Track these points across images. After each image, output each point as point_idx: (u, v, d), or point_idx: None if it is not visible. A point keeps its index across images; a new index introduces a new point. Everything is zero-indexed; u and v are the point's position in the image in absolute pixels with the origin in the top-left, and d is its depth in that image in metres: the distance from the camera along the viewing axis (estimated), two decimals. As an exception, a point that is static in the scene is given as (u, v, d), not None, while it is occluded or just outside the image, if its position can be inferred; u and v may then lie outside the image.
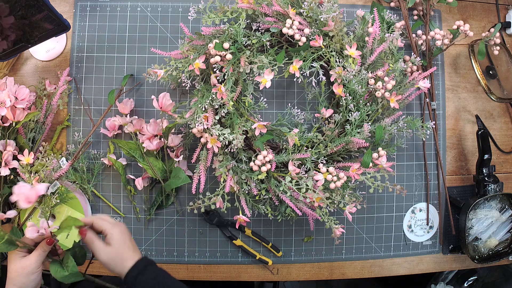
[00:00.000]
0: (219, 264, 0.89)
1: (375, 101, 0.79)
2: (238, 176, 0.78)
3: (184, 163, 0.86)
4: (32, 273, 0.62)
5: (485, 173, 0.87)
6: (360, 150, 0.81)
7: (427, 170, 0.91)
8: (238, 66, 0.74)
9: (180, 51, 0.77)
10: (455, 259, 0.94)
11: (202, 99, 0.74)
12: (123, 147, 0.82)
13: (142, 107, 0.88)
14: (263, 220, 0.89)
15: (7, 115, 0.77)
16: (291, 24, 0.74)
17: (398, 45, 0.80)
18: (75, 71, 0.88)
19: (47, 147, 0.84)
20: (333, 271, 0.91)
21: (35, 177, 0.78)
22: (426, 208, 0.91)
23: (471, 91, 0.94)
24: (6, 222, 0.86)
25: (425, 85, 0.79)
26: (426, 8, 0.88)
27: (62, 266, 0.64)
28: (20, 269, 0.62)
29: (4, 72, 0.87)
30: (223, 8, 0.76)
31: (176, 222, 0.88)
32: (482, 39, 0.85)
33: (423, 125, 0.83)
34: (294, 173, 0.74)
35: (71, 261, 0.64)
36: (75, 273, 0.63)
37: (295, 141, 0.75)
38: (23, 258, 0.63)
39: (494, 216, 0.88)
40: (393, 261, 0.92)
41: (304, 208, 0.77)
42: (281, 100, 0.89)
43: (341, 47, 0.78)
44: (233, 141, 0.73)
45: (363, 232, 0.91)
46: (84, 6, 0.88)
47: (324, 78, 0.79)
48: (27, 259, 0.63)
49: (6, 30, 0.71)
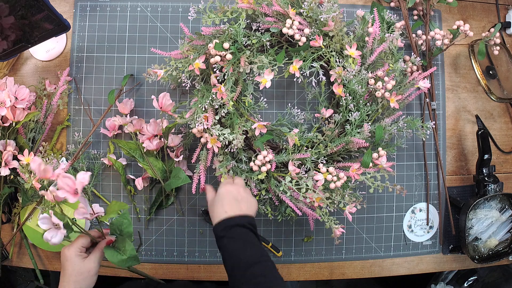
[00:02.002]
0: (219, 264, 0.89)
1: (375, 101, 0.79)
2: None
3: (184, 163, 0.86)
4: (95, 275, 0.63)
5: (485, 173, 0.87)
6: (360, 150, 0.81)
7: (427, 170, 0.91)
8: (238, 66, 0.74)
9: (180, 51, 0.77)
10: (455, 259, 0.94)
11: (202, 99, 0.74)
12: (123, 147, 0.82)
13: (142, 107, 0.88)
14: (263, 220, 0.89)
15: (7, 115, 0.77)
16: (291, 24, 0.74)
17: (398, 45, 0.80)
18: (75, 71, 0.88)
19: (47, 147, 0.84)
20: (333, 271, 0.91)
21: (35, 177, 0.78)
22: (426, 208, 0.91)
23: (471, 91, 0.94)
24: (6, 222, 0.86)
25: (425, 85, 0.79)
26: (426, 8, 0.88)
27: (118, 250, 0.63)
28: (86, 272, 0.62)
29: (4, 72, 0.87)
30: (223, 8, 0.76)
31: (176, 222, 0.88)
32: (482, 39, 0.85)
33: (423, 125, 0.83)
34: (294, 173, 0.74)
35: (129, 244, 0.63)
36: (133, 257, 0.63)
37: (295, 141, 0.75)
38: (86, 260, 0.63)
39: (494, 216, 0.88)
40: (393, 261, 0.92)
41: (304, 208, 0.77)
42: (281, 100, 0.89)
43: (341, 47, 0.78)
44: (233, 141, 0.73)
45: (363, 232, 0.91)
46: (84, 6, 0.88)
47: (324, 78, 0.79)
48: (91, 261, 0.63)
49: (6, 30, 0.71)
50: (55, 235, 0.59)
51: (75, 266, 0.62)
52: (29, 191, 0.81)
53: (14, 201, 0.86)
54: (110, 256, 0.63)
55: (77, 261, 0.62)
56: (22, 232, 0.86)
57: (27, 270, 1.16)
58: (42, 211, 0.83)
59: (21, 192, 0.82)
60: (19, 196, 0.84)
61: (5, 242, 0.86)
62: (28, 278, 1.17)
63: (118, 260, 0.62)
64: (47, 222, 0.59)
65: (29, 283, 1.17)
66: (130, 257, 0.62)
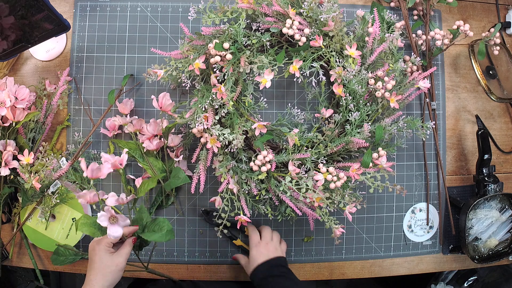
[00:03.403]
0: (219, 264, 0.89)
1: (375, 101, 0.79)
2: (238, 176, 0.78)
3: (184, 163, 0.86)
4: (122, 270, 0.65)
5: (485, 173, 0.86)
6: (360, 150, 0.81)
7: (427, 170, 0.91)
8: (238, 66, 0.74)
9: (180, 51, 0.77)
10: (455, 259, 0.94)
11: (202, 99, 0.74)
12: (123, 147, 0.82)
13: (142, 107, 0.88)
14: (263, 220, 0.89)
15: (7, 115, 0.77)
16: (291, 24, 0.74)
17: (398, 45, 0.80)
18: (75, 71, 0.88)
19: (47, 147, 0.84)
20: (333, 271, 0.91)
21: (35, 177, 0.78)
22: (426, 208, 0.91)
23: (471, 91, 0.94)
24: (6, 222, 0.86)
25: (425, 85, 0.79)
26: (426, 8, 0.88)
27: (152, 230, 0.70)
28: (114, 266, 0.64)
29: (4, 72, 0.87)
30: (223, 8, 0.76)
31: (176, 222, 0.88)
32: (482, 39, 0.85)
33: (423, 125, 0.83)
34: (294, 173, 0.74)
35: (164, 220, 0.70)
36: (170, 230, 0.69)
37: (295, 141, 0.75)
38: (114, 255, 0.65)
39: (494, 216, 0.88)
40: (393, 261, 0.92)
41: (304, 208, 0.77)
42: (281, 100, 0.89)
43: (341, 47, 0.78)
44: (233, 141, 0.73)
45: (363, 232, 0.91)
46: (84, 6, 0.88)
47: (324, 78, 0.79)
48: (120, 256, 0.65)
49: (6, 30, 0.71)
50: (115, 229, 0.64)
51: (103, 260, 0.64)
52: (29, 191, 0.81)
53: (14, 201, 0.86)
54: (148, 236, 0.68)
55: (105, 255, 0.64)
56: (22, 232, 0.86)
57: (27, 270, 1.16)
58: (43, 211, 0.83)
59: (21, 192, 0.82)
60: (19, 196, 0.84)
61: (5, 242, 0.86)
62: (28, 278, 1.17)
63: (158, 236, 0.68)
64: (104, 219, 0.63)
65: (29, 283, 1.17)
66: (168, 231, 0.69)
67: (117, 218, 0.64)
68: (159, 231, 0.69)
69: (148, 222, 0.72)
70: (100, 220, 0.63)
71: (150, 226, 0.71)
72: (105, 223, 0.63)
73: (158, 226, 0.70)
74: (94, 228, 0.68)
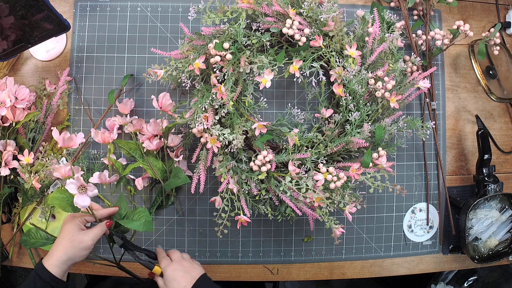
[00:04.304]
0: (219, 264, 0.89)
1: (375, 101, 0.79)
2: (238, 176, 0.78)
3: (184, 163, 0.86)
4: (86, 249, 0.64)
5: (485, 173, 0.87)
6: (360, 150, 0.81)
7: (427, 170, 0.91)
8: (238, 66, 0.74)
9: (180, 51, 0.77)
10: (455, 259, 0.94)
11: (202, 99, 0.74)
12: (123, 147, 0.82)
13: (142, 107, 0.88)
14: (263, 220, 0.89)
15: (7, 115, 0.77)
16: (291, 24, 0.74)
17: (398, 45, 0.80)
18: (75, 71, 0.88)
19: (47, 147, 0.84)
20: (333, 271, 0.91)
21: (35, 177, 0.78)
22: (426, 208, 0.91)
23: (471, 91, 0.94)
24: (6, 222, 0.86)
25: (425, 85, 0.79)
26: (426, 8, 0.88)
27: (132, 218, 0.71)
28: (77, 242, 0.63)
29: (4, 72, 0.87)
30: (223, 8, 0.76)
31: (176, 222, 0.88)
32: (482, 39, 0.85)
33: (423, 125, 0.83)
34: (294, 173, 0.74)
35: (144, 211, 0.71)
36: (149, 221, 0.70)
37: (295, 141, 0.75)
38: (81, 232, 0.64)
39: (494, 216, 0.88)
40: (393, 261, 0.92)
41: (304, 208, 0.77)
42: (281, 100, 0.89)
43: (341, 47, 0.78)
44: (233, 141, 0.73)
45: (363, 232, 0.91)
46: (84, 6, 0.88)
47: (324, 78, 0.79)
48: (87, 235, 0.64)
49: (6, 30, 0.71)
50: (83, 199, 0.62)
51: (70, 234, 0.64)
52: (29, 191, 0.81)
53: (14, 201, 0.86)
54: (126, 223, 0.68)
55: (74, 230, 0.64)
56: (22, 232, 0.85)
57: (27, 270, 1.16)
58: (43, 211, 0.83)
59: (21, 192, 0.82)
60: (19, 196, 0.84)
61: (5, 242, 0.86)
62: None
63: (136, 225, 0.68)
64: (73, 187, 0.62)
65: (29, 283, 1.16)
66: (146, 221, 0.69)
67: (86, 188, 0.63)
68: (138, 220, 0.70)
69: (128, 212, 0.72)
70: (69, 187, 0.61)
71: (130, 215, 0.72)
72: (73, 191, 0.62)
73: (138, 215, 0.71)
74: (65, 203, 0.66)
